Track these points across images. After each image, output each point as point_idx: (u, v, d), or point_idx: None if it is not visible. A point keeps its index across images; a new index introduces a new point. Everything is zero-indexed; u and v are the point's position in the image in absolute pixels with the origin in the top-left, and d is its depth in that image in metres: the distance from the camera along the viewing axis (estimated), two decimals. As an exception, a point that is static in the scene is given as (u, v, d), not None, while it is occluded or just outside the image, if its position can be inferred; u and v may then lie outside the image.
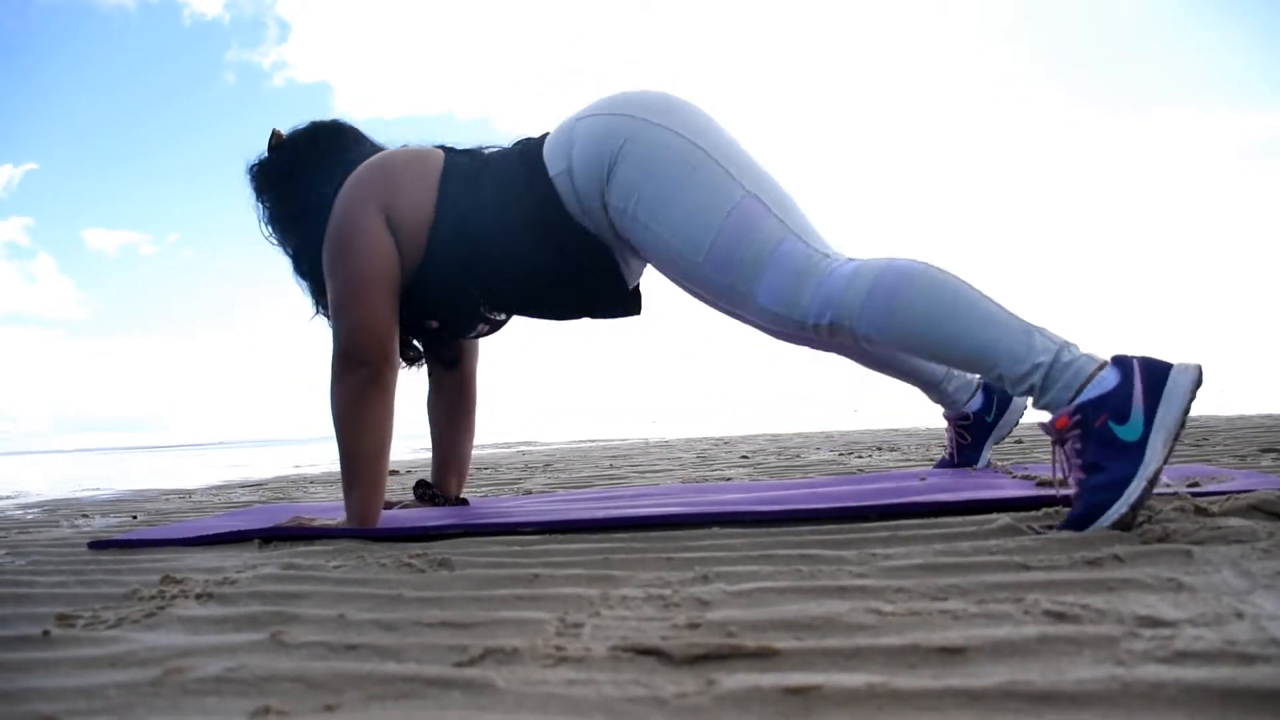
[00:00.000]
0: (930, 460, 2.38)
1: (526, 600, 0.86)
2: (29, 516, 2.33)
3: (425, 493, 1.77)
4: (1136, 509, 0.97)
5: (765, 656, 0.63)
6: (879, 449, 3.01)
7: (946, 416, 1.80)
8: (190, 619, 0.87)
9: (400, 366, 1.52)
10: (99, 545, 1.44)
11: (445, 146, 1.49)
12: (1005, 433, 1.76)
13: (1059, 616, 0.66)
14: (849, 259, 1.23)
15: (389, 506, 1.75)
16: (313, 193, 1.48)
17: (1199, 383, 1.02)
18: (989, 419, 1.76)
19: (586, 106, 1.37)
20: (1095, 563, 0.83)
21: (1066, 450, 1.06)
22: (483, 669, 0.64)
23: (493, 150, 1.47)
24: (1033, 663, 0.58)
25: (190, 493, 3.08)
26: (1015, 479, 1.49)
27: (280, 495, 2.72)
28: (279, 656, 0.71)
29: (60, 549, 1.48)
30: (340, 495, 1.44)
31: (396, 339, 1.44)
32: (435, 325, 1.56)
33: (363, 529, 1.35)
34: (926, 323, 1.14)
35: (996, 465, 1.85)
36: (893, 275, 1.17)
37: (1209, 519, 0.97)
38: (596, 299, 1.47)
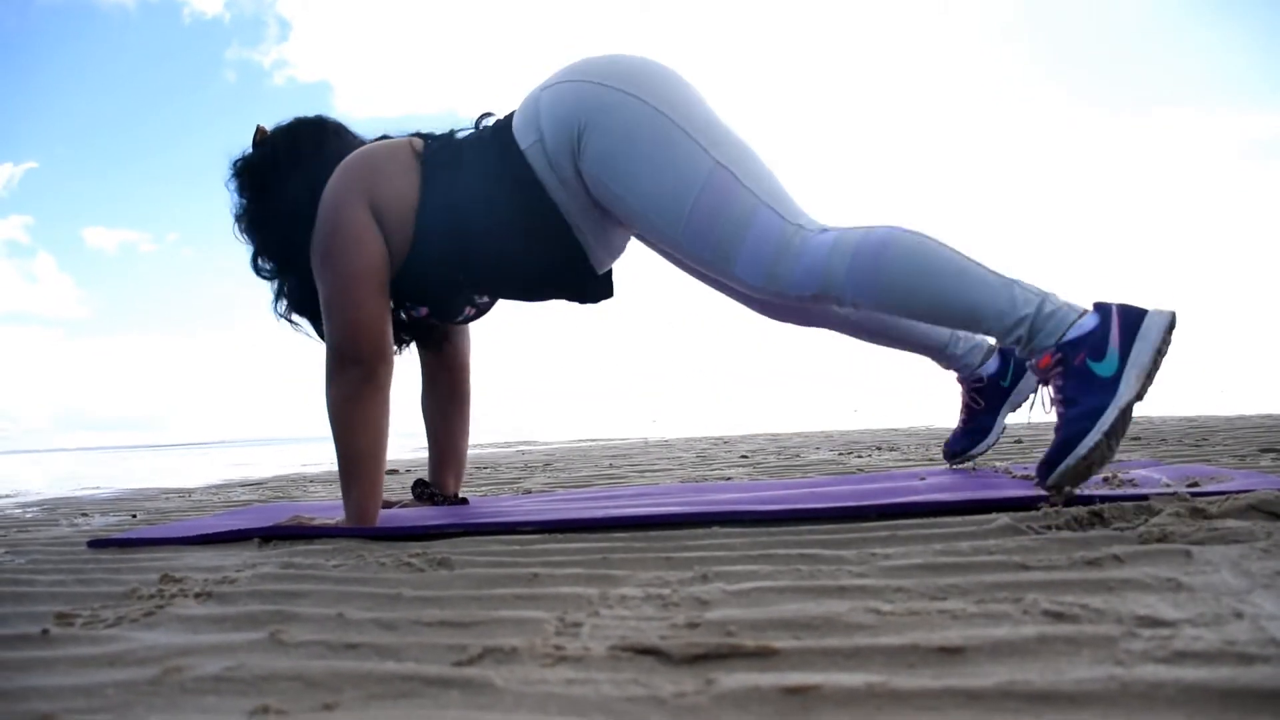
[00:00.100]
0: (930, 460, 2.37)
1: (526, 600, 0.86)
2: (28, 515, 2.33)
3: (424, 492, 1.77)
4: (1111, 437, 1.07)
5: (764, 656, 0.63)
6: (878, 449, 3.01)
7: (959, 380, 1.71)
8: (189, 618, 0.87)
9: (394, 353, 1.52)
10: (98, 544, 1.44)
11: (422, 134, 1.49)
12: (1022, 399, 1.66)
13: (1058, 616, 0.66)
14: (823, 228, 1.25)
15: (388, 505, 1.75)
16: (288, 194, 1.47)
17: (1173, 326, 1.12)
18: (1004, 384, 1.67)
19: (551, 75, 1.37)
20: (1094, 563, 0.83)
21: (1050, 389, 1.17)
22: (482, 668, 0.64)
23: (466, 133, 1.47)
24: (1032, 663, 0.58)
25: (190, 492, 3.07)
26: (1015, 479, 1.49)
27: (280, 494, 2.72)
28: (278, 655, 0.71)
29: (59, 548, 1.48)
30: (339, 494, 1.44)
31: (390, 335, 1.44)
32: (424, 312, 1.56)
33: (362, 528, 1.35)
34: (913, 285, 1.19)
35: (996, 466, 1.85)
36: (874, 243, 1.20)
37: (1208, 519, 0.97)
38: (566, 283, 1.48)
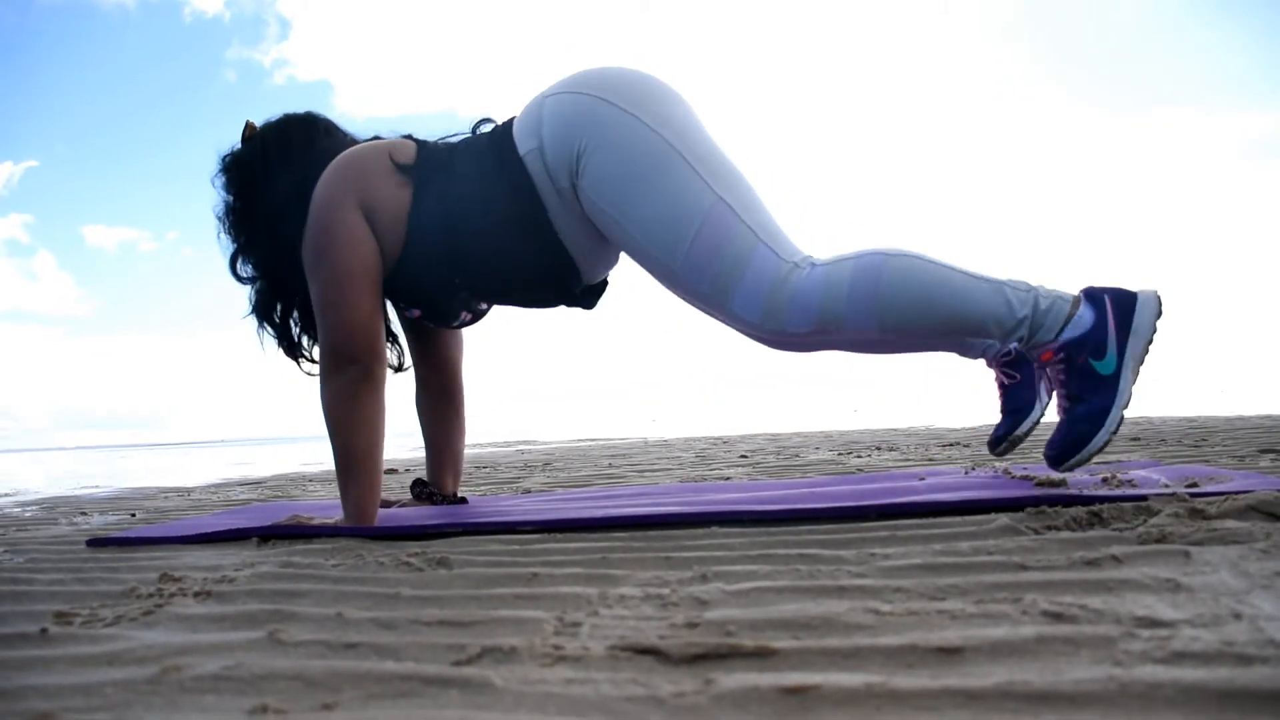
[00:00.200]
0: (930, 461, 2.37)
1: (525, 599, 0.86)
2: (27, 514, 2.33)
3: (423, 491, 1.77)
4: (1114, 433, 1.20)
5: (763, 656, 0.63)
6: (878, 449, 3.01)
7: (988, 363, 1.57)
8: (188, 617, 0.87)
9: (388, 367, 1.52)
10: (97, 543, 1.44)
11: (414, 137, 1.48)
12: None
13: (1057, 617, 0.66)
14: (813, 264, 1.26)
15: (387, 505, 1.76)
16: (276, 191, 1.47)
17: (1160, 312, 1.22)
18: None
19: (556, 83, 1.36)
20: (1093, 563, 0.83)
21: (1050, 373, 1.25)
22: (481, 668, 0.64)
23: (460, 137, 1.47)
24: (1030, 663, 0.58)
25: (189, 491, 3.07)
26: (1014, 479, 1.49)
27: (279, 493, 2.72)
28: (277, 655, 0.71)
29: (58, 546, 1.48)
30: (338, 494, 1.44)
31: (384, 334, 1.44)
32: (418, 314, 1.55)
33: (361, 527, 1.35)
34: (913, 309, 1.22)
35: (996, 466, 1.85)
36: (867, 273, 1.22)
37: (1207, 520, 0.97)
38: (554, 290, 1.47)
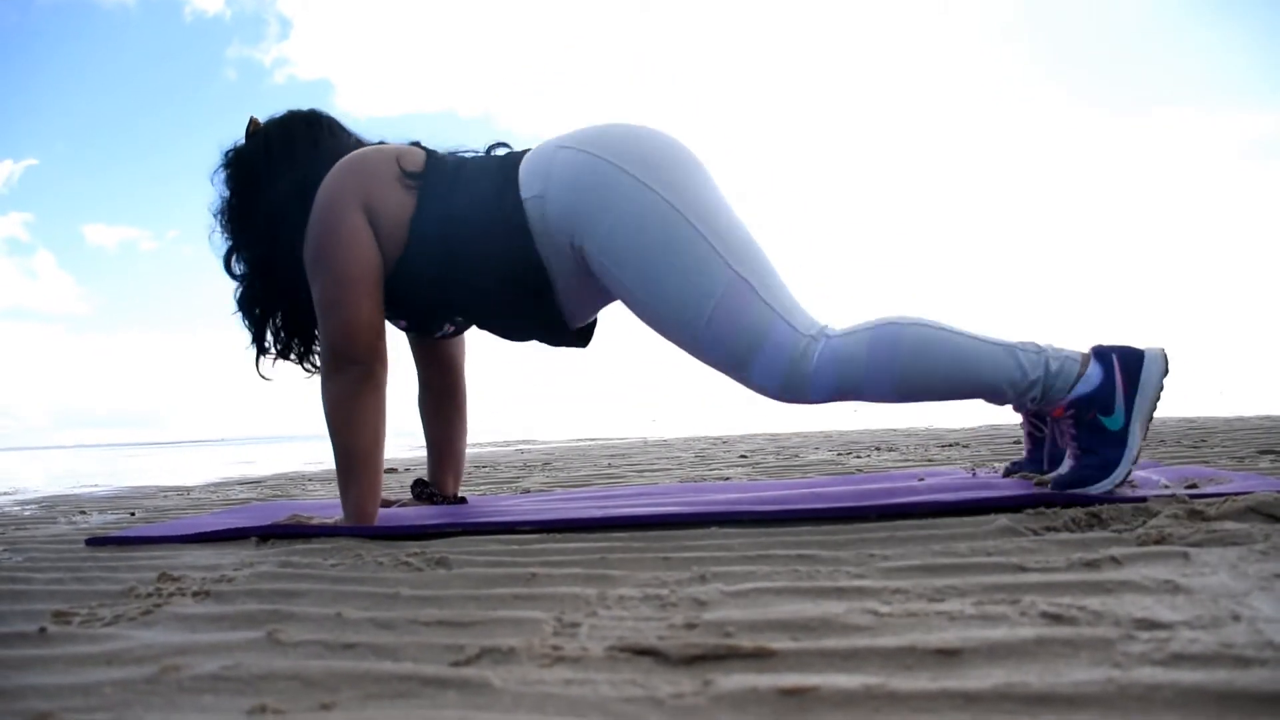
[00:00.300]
0: (929, 461, 2.37)
1: (524, 599, 0.86)
2: (26, 512, 2.33)
3: (423, 491, 1.77)
4: (1119, 485, 1.22)
5: (762, 657, 0.63)
6: (877, 449, 3.01)
7: (1015, 409, 1.49)
8: (187, 617, 0.87)
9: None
10: (96, 542, 1.44)
11: (423, 146, 1.48)
12: None
13: (1056, 618, 0.66)
14: (827, 335, 1.28)
15: (387, 505, 1.76)
16: (278, 189, 1.46)
17: (1166, 370, 1.25)
18: None
19: (571, 134, 1.36)
20: (1092, 564, 0.83)
21: (1060, 429, 1.28)
22: (479, 668, 0.64)
23: (471, 155, 1.47)
24: (1029, 665, 0.58)
25: (188, 490, 3.07)
26: (1013, 480, 1.49)
27: (278, 493, 2.72)
28: (275, 655, 0.71)
29: (57, 545, 1.48)
30: (338, 493, 1.44)
31: (384, 335, 1.44)
32: (404, 325, 1.56)
33: (360, 527, 1.35)
34: (929, 379, 1.25)
35: (995, 467, 1.85)
36: (883, 346, 1.25)
37: (1206, 521, 0.97)
38: (538, 330, 1.48)
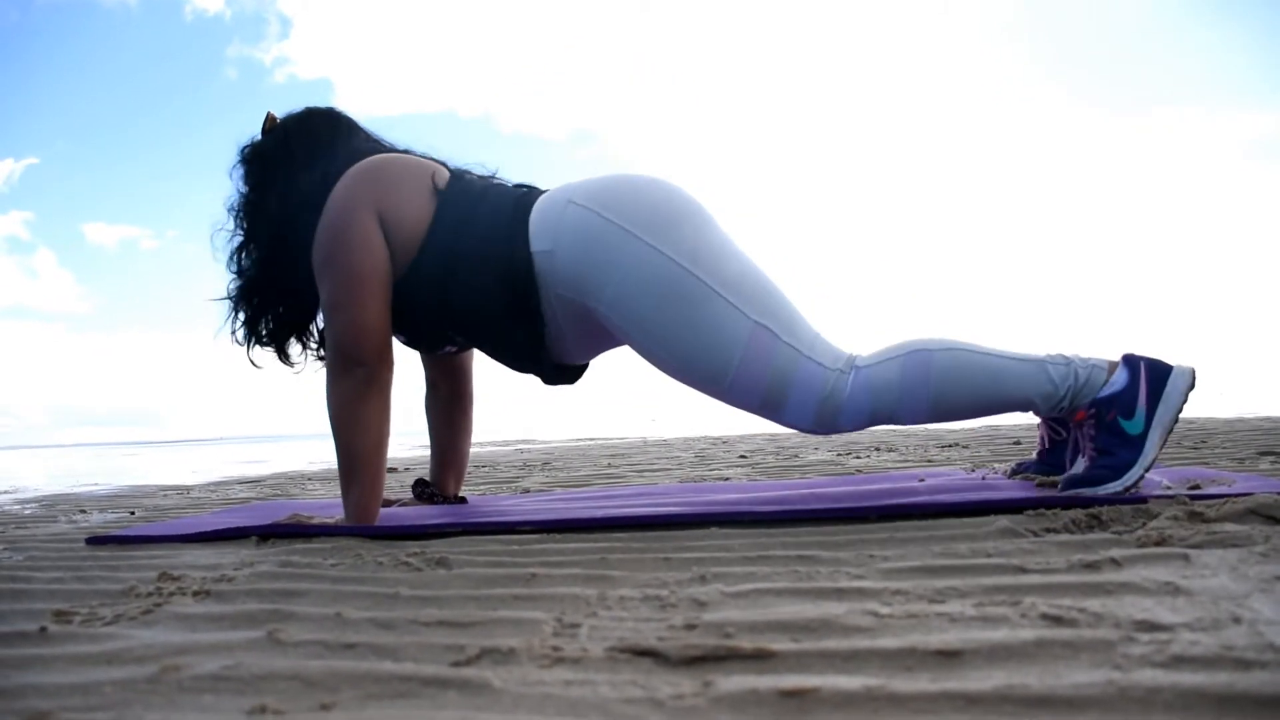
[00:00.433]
0: (929, 462, 2.37)
1: (524, 600, 0.86)
2: (27, 511, 2.33)
3: (424, 491, 1.77)
4: (1130, 488, 1.21)
5: (762, 658, 0.63)
6: (877, 449, 3.01)
7: (1035, 414, 1.51)
8: (187, 616, 0.87)
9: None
10: (97, 541, 1.44)
11: (449, 166, 1.48)
12: None
13: (1056, 620, 0.66)
14: (856, 366, 1.29)
15: (388, 504, 1.76)
16: (295, 186, 1.46)
17: (1193, 385, 1.25)
18: None
19: (581, 186, 1.36)
20: (1093, 566, 0.83)
21: (1081, 432, 1.28)
22: (479, 669, 0.64)
23: (497, 183, 1.47)
24: (1029, 666, 0.58)
25: (189, 489, 3.07)
26: (1014, 480, 1.49)
27: (279, 492, 2.72)
28: (275, 655, 0.71)
29: (58, 545, 1.48)
30: (339, 493, 1.44)
31: (391, 338, 1.43)
32: (404, 339, 1.56)
33: (361, 527, 1.35)
34: (963, 401, 1.27)
35: (995, 467, 1.85)
36: (916, 375, 1.26)
37: (1206, 523, 0.97)
38: (530, 367, 1.48)
